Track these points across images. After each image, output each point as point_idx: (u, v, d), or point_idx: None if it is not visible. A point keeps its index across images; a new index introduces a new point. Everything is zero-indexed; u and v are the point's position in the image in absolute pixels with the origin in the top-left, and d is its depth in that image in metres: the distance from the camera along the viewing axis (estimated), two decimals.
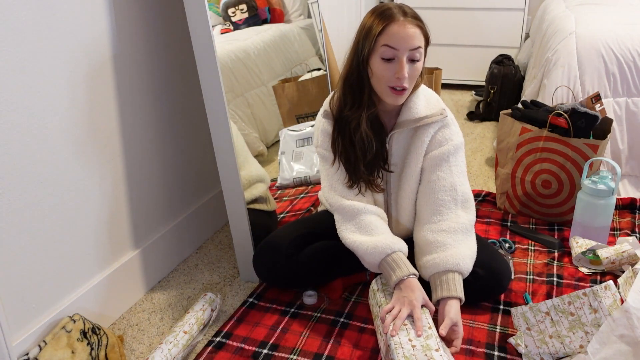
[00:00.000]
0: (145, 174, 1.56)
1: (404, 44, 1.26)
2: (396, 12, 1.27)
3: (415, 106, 1.37)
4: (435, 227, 1.36)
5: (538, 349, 1.24)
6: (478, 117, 3.17)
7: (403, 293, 1.24)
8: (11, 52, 1.10)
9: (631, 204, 1.94)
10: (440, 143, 1.39)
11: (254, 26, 1.97)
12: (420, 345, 1.13)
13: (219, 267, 1.73)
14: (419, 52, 1.28)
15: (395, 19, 1.26)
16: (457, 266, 1.29)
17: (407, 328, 1.18)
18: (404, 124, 1.38)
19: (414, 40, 1.26)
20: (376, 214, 1.39)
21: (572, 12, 2.57)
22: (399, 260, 1.29)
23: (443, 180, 1.38)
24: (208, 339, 1.37)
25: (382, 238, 1.32)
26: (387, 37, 1.26)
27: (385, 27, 1.26)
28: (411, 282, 1.26)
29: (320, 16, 2.25)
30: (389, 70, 1.28)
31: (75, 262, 1.34)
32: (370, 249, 1.31)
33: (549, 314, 1.25)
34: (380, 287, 1.35)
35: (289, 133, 1.98)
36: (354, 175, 1.39)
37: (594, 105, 1.90)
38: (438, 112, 1.38)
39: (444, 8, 3.63)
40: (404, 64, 1.27)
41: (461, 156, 1.41)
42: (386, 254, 1.30)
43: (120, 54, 1.41)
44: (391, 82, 1.29)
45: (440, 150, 1.38)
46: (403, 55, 1.26)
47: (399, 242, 1.33)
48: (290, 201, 1.93)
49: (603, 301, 1.20)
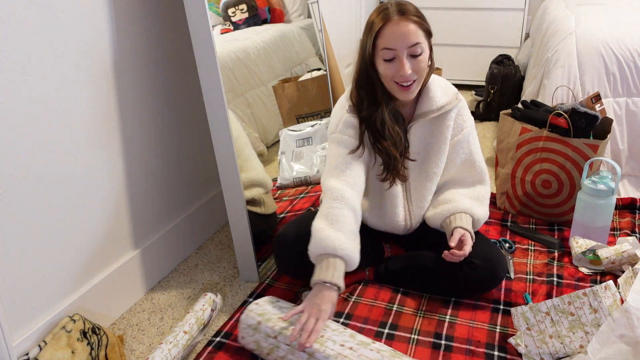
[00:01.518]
0: (145, 174, 1.56)
1: (400, 43, 1.27)
2: (392, 12, 1.28)
3: (435, 96, 1.41)
4: (454, 190, 1.50)
5: (538, 349, 1.24)
6: (478, 117, 3.16)
7: (317, 300, 1.21)
8: (12, 52, 1.10)
9: (631, 204, 1.94)
10: (461, 127, 1.47)
11: (254, 26, 1.97)
12: (357, 344, 1.15)
13: (219, 267, 1.73)
14: (419, 47, 1.29)
15: (390, 19, 1.28)
16: (469, 209, 1.43)
17: (327, 337, 1.17)
18: (425, 115, 1.41)
19: (410, 38, 1.27)
20: (353, 210, 1.35)
21: (572, 12, 2.57)
22: (335, 265, 1.25)
23: (466, 162, 1.50)
24: (208, 339, 1.37)
25: (338, 236, 1.28)
26: (384, 40, 1.29)
27: (380, 30, 1.29)
28: (330, 293, 1.22)
29: (320, 16, 2.25)
30: (391, 69, 1.30)
31: (75, 262, 1.34)
32: (320, 239, 1.28)
33: (549, 314, 1.25)
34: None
35: (289, 133, 1.98)
36: (394, 168, 1.41)
37: (594, 105, 1.90)
38: (454, 98, 1.44)
39: (444, 8, 3.63)
40: (404, 61, 1.28)
41: (476, 134, 1.52)
42: (328, 253, 1.26)
43: (120, 53, 1.41)
44: (396, 79, 1.31)
45: (463, 134, 1.47)
46: (402, 54, 1.28)
47: (349, 251, 1.27)
48: (290, 201, 1.93)
49: (603, 301, 1.20)
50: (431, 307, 1.44)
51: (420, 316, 1.41)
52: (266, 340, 1.22)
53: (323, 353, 1.14)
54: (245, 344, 1.27)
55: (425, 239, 1.53)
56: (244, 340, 1.27)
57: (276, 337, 1.20)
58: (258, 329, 1.23)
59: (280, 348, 1.19)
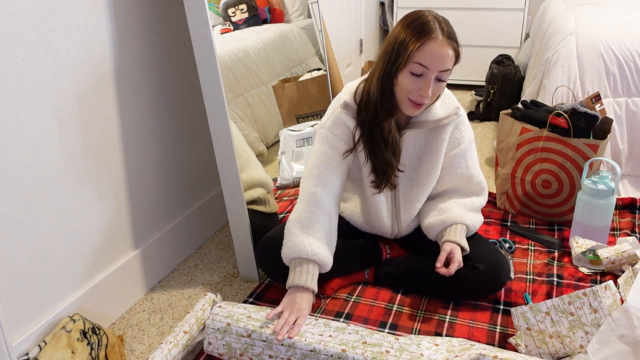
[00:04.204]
0: (145, 174, 1.56)
1: (436, 65, 1.24)
2: (435, 29, 1.24)
3: (434, 108, 1.38)
4: (450, 200, 1.48)
5: (538, 349, 1.24)
6: (478, 117, 3.17)
7: (296, 299, 1.29)
8: (12, 55, 1.10)
9: (631, 204, 1.94)
10: (458, 142, 1.45)
11: (254, 26, 1.97)
12: (334, 331, 1.20)
13: (219, 267, 1.73)
14: (447, 74, 1.28)
15: (434, 37, 1.23)
16: (460, 218, 1.41)
17: (305, 330, 1.23)
18: (421, 124, 1.39)
19: (446, 62, 1.25)
20: (328, 215, 1.39)
21: (572, 12, 2.57)
22: (308, 269, 1.33)
23: (462, 176, 1.47)
24: None
25: (311, 241, 1.33)
26: (422, 55, 1.24)
27: (422, 45, 1.23)
28: (306, 295, 1.31)
29: (320, 16, 2.25)
30: (414, 84, 1.27)
31: (75, 262, 1.34)
32: (294, 243, 1.33)
33: (549, 314, 1.25)
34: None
35: (289, 133, 1.98)
36: (385, 175, 1.40)
37: (594, 105, 1.90)
38: (453, 112, 1.41)
39: (444, 8, 3.64)
40: (431, 83, 1.26)
41: (474, 148, 1.50)
42: (301, 257, 1.33)
43: (120, 53, 1.41)
44: (413, 96, 1.28)
45: (460, 149, 1.45)
46: (432, 75, 1.26)
47: (322, 255, 1.34)
48: (290, 201, 1.93)
49: (603, 301, 1.20)
50: (431, 307, 1.44)
51: (420, 316, 1.41)
52: (238, 340, 1.23)
53: (305, 342, 1.18)
54: (212, 350, 1.27)
55: (425, 239, 1.53)
56: (210, 346, 1.27)
57: (250, 336, 1.22)
58: (228, 331, 1.24)
59: (256, 345, 1.21)
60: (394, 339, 1.17)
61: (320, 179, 1.38)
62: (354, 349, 1.14)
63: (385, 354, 1.12)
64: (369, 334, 1.19)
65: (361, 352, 1.13)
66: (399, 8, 3.80)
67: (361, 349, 1.14)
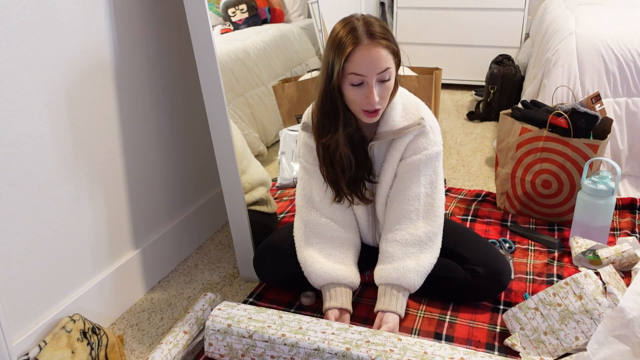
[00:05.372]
0: (145, 174, 1.56)
1: (370, 69, 1.22)
2: (361, 34, 1.21)
3: (392, 118, 1.35)
4: (391, 237, 1.40)
5: (536, 349, 1.24)
6: (478, 117, 3.17)
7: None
8: (11, 52, 1.10)
9: (631, 204, 1.94)
10: (414, 151, 1.37)
11: (254, 26, 1.97)
12: (337, 330, 1.21)
13: (219, 267, 1.73)
14: (388, 72, 1.24)
15: (360, 43, 1.21)
16: (397, 280, 1.35)
17: (306, 328, 1.23)
18: (382, 136, 1.36)
19: (380, 64, 1.22)
20: (343, 239, 1.44)
21: (572, 12, 2.57)
22: (342, 292, 1.38)
23: (409, 189, 1.38)
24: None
25: (338, 268, 1.39)
26: (353, 65, 1.22)
27: (350, 55, 1.21)
28: (342, 317, 1.36)
29: (320, 16, 2.25)
30: (359, 94, 1.25)
31: (75, 262, 1.35)
32: (323, 272, 1.38)
33: (538, 309, 1.26)
34: None
35: (289, 133, 1.98)
36: (338, 193, 1.40)
37: (594, 105, 1.90)
38: (415, 122, 1.35)
39: (444, 8, 3.64)
40: (373, 88, 1.23)
41: (433, 165, 1.39)
42: (332, 283, 1.39)
43: (120, 53, 1.41)
44: (363, 105, 1.27)
45: (412, 159, 1.37)
46: (372, 80, 1.23)
47: (352, 278, 1.40)
48: (290, 201, 1.93)
49: (585, 287, 1.23)
50: (431, 307, 1.44)
51: (420, 316, 1.41)
52: (240, 341, 1.23)
53: (308, 341, 1.17)
54: (212, 352, 1.27)
55: None
56: (211, 347, 1.26)
57: (251, 337, 1.22)
58: (229, 332, 1.24)
59: (257, 346, 1.21)
60: (397, 339, 1.17)
61: (318, 207, 1.44)
62: (358, 347, 1.14)
63: (389, 352, 1.12)
64: (371, 334, 1.19)
65: (365, 350, 1.14)
66: (399, 8, 3.80)
67: (365, 347, 1.14)
